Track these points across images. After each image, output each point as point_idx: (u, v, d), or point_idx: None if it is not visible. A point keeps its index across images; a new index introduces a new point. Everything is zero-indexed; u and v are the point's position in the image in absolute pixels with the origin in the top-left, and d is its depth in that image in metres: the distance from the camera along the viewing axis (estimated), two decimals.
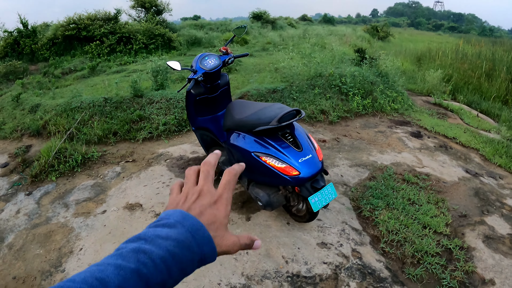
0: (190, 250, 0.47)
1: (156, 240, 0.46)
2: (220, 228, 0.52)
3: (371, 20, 55.64)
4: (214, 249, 0.50)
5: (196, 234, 0.48)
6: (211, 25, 18.88)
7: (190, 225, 0.49)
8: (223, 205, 0.54)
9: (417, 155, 4.50)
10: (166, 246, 0.45)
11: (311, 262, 2.57)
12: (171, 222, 0.49)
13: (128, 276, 0.41)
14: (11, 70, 8.60)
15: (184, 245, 0.46)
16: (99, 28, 11.15)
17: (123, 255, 0.44)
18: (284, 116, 2.46)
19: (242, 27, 3.49)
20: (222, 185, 0.56)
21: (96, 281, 0.39)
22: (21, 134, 5.17)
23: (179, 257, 0.45)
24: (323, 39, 13.16)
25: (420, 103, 7.00)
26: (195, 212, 0.52)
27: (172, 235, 0.47)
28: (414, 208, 3.27)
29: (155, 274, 0.43)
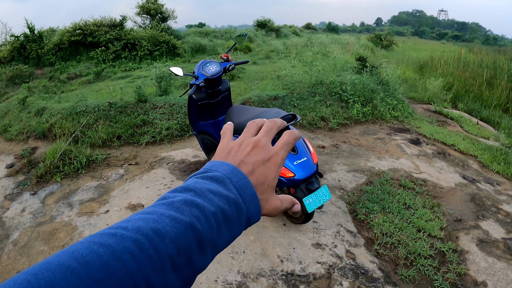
0: (238, 209, 0.45)
1: (207, 195, 0.44)
2: (267, 190, 0.50)
3: (375, 29, 55.97)
4: (259, 209, 0.48)
5: (244, 193, 0.46)
6: (216, 32, 19.07)
7: (239, 183, 0.47)
8: (276, 165, 0.52)
9: (415, 161, 4.58)
10: (217, 202, 0.43)
11: (306, 262, 2.65)
12: (219, 176, 0.47)
13: (183, 230, 0.39)
14: (17, 74, 8.77)
15: (233, 203, 0.45)
16: (105, 34, 11.34)
17: (175, 206, 0.42)
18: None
19: (243, 35, 3.61)
20: (280, 144, 0.54)
21: (152, 232, 0.37)
22: (27, 136, 5.31)
23: (229, 215, 0.44)
24: (326, 48, 13.30)
25: (420, 111, 7.09)
26: (247, 168, 0.50)
27: (222, 191, 0.45)
28: (409, 212, 3.35)
29: (207, 230, 0.41)
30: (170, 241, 0.38)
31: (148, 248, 0.36)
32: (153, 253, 0.36)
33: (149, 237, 0.37)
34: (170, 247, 0.38)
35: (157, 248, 0.37)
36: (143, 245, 0.36)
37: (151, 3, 14.12)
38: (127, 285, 0.33)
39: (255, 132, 0.56)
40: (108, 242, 0.35)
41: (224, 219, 0.43)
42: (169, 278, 0.38)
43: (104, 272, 0.32)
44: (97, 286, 0.31)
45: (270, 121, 0.57)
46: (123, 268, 0.33)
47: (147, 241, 0.36)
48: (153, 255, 0.36)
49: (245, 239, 2.91)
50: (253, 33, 19.17)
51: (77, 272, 0.31)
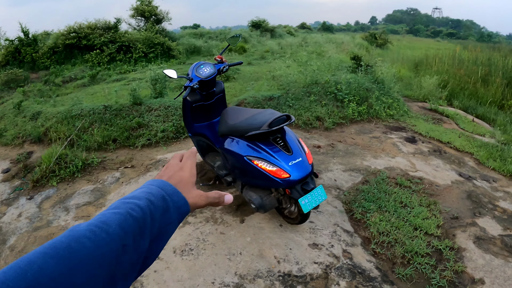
0: (163, 199, 0.58)
1: (137, 195, 0.57)
2: (187, 185, 0.65)
3: (370, 28, 55.98)
4: (183, 199, 0.61)
5: (165, 188, 0.60)
6: (210, 33, 19.04)
7: (160, 183, 0.61)
8: (187, 169, 0.69)
9: (411, 160, 4.59)
10: (145, 196, 0.56)
11: (302, 262, 2.65)
12: (146, 186, 0.61)
13: (123, 218, 0.50)
14: (12, 78, 8.72)
15: (158, 195, 0.58)
16: (99, 37, 11.29)
17: (115, 205, 0.54)
18: (274, 121, 2.56)
19: (236, 36, 3.61)
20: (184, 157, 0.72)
21: (100, 223, 0.48)
22: (23, 140, 5.28)
23: (157, 204, 0.56)
24: (321, 47, 13.32)
25: (416, 109, 7.10)
26: (165, 177, 0.66)
27: (148, 190, 0.58)
28: (406, 211, 3.35)
29: (143, 217, 0.52)
30: (116, 225, 0.49)
31: (99, 233, 0.47)
32: (105, 235, 0.47)
33: (98, 226, 0.48)
34: (117, 229, 0.48)
35: (107, 231, 0.47)
36: (95, 232, 0.47)
37: (145, 5, 14.08)
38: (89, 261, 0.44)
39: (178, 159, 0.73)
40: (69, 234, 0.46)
41: (154, 207, 0.55)
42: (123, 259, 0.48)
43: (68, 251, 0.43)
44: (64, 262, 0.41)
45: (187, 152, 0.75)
46: (82, 248, 0.44)
47: (97, 229, 0.47)
48: (105, 237, 0.47)
49: (241, 240, 2.91)
50: (247, 33, 19.16)
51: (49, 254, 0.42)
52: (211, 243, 2.89)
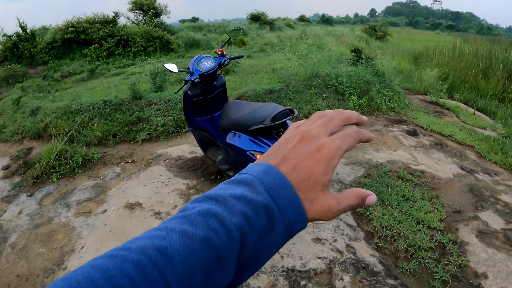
0: (269, 216, 0.38)
1: (229, 201, 0.38)
2: (314, 187, 0.41)
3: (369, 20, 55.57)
4: (302, 214, 0.40)
5: (277, 195, 0.39)
6: (210, 27, 18.92)
7: (272, 183, 0.40)
8: (327, 156, 0.41)
9: (413, 153, 4.56)
10: (240, 210, 0.37)
11: (306, 257, 2.64)
12: (249, 177, 0.40)
13: (196, 247, 0.34)
14: (10, 74, 8.65)
15: (261, 208, 0.38)
16: (98, 31, 11.20)
17: (189, 218, 0.37)
18: (277, 115, 2.53)
19: (237, 29, 3.58)
20: (337, 134, 0.44)
21: (156, 251, 0.33)
22: (22, 137, 5.25)
23: (256, 224, 0.37)
24: (320, 40, 13.23)
25: (416, 102, 7.07)
26: (288, 164, 0.42)
27: (248, 195, 0.38)
28: (409, 205, 3.34)
29: (228, 244, 0.36)
30: (179, 261, 0.33)
31: (151, 270, 0.32)
32: (157, 276, 0.32)
33: (152, 258, 0.32)
34: (179, 268, 0.33)
35: (163, 270, 0.32)
36: (145, 267, 0.32)
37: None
38: None
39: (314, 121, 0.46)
40: (107, 265, 0.31)
41: (250, 228, 0.37)
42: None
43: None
44: None
45: (335, 111, 0.47)
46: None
47: (150, 262, 0.32)
48: (157, 279, 0.32)
49: None
50: (247, 26, 19.04)
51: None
52: None
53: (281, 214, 0.39)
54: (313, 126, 0.44)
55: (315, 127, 0.44)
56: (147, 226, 3.09)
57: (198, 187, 3.64)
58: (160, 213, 3.26)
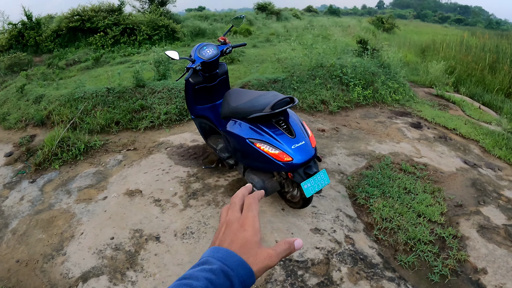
0: (226, 276, 0.50)
1: (193, 274, 0.49)
2: (252, 247, 0.55)
3: (377, 12, 55.02)
4: (249, 271, 0.52)
5: (228, 261, 0.52)
6: (216, 16, 18.76)
7: (221, 256, 0.53)
8: (249, 225, 0.57)
9: (416, 146, 4.50)
10: (203, 276, 0.49)
11: (304, 247, 2.61)
12: (204, 259, 0.53)
13: None
14: (15, 62, 8.62)
15: (218, 272, 0.50)
16: (103, 20, 11.10)
17: None
18: (277, 103, 2.48)
19: (240, 17, 3.51)
20: (244, 209, 0.61)
21: None
22: (26, 124, 5.24)
23: (217, 283, 0.48)
24: (326, 30, 13.08)
25: (422, 95, 6.98)
26: (226, 243, 0.56)
27: (206, 267, 0.50)
28: (410, 197, 3.29)
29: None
30: None
31: None
32: None
33: None
34: None
35: None
36: None
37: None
38: None
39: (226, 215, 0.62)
40: None
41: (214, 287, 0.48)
42: None
43: None
44: None
45: (233, 198, 0.64)
46: None
47: None
48: None
49: None
50: (253, 16, 18.95)
51: None
52: (212, 226, 2.86)
53: (235, 273, 0.51)
54: (228, 216, 0.61)
55: (230, 215, 0.61)
56: (146, 213, 3.08)
57: (199, 175, 3.62)
58: (160, 200, 3.24)
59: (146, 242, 2.74)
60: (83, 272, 2.50)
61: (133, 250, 2.67)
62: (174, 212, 3.07)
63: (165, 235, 2.80)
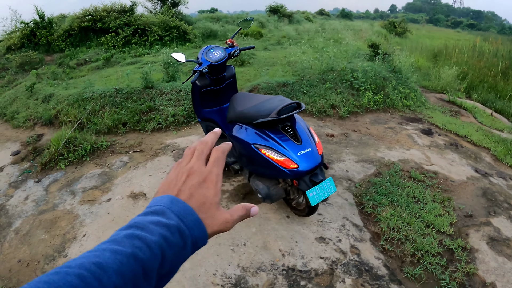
0: (181, 235, 0.46)
1: (148, 226, 0.45)
2: (211, 208, 0.51)
3: (389, 16, 54.55)
4: (204, 232, 0.49)
5: (185, 219, 0.48)
6: (227, 18, 18.79)
7: (179, 210, 0.48)
8: (212, 182, 0.53)
9: (426, 153, 4.40)
10: (158, 231, 0.44)
11: (308, 256, 2.54)
12: (159, 208, 0.48)
13: (125, 261, 0.40)
14: (27, 61, 8.70)
15: (175, 230, 0.46)
16: (115, 20, 11.17)
17: (117, 241, 0.43)
18: (283, 109, 2.43)
19: (249, 19, 3.46)
20: (210, 162, 0.56)
21: (93, 266, 0.38)
22: (34, 123, 5.26)
23: (172, 241, 0.45)
24: (338, 34, 12.98)
25: (433, 100, 6.86)
26: (185, 194, 0.51)
27: (163, 220, 0.46)
28: (419, 206, 3.20)
29: (151, 258, 0.42)
30: (113, 272, 0.39)
31: (91, 280, 0.37)
32: (96, 285, 0.37)
33: (91, 271, 0.38)
34: (113, 278, 0.38)
35: (100, 279, 0.37)
36: (86, 278, 0.37)
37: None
38: None
39: (189, 158, 0.57)
40: (52, 279, 0.35)
41: (168, 245, 0.44)
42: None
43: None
44: None
45: (200, 143, 0.58)
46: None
47: (89, 274, 0.37)
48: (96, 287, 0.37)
49: (246, 231, 2.81)
50: (265, 18, 18.94)
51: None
52: (213, 237, 2.79)
53: (190, 233, 0.47)
54: (192, 162, 0.55)
55: (194, 163, 0.55)
56: None
57: None
58: None
59: None
60: None
61: None
62: None
63: None
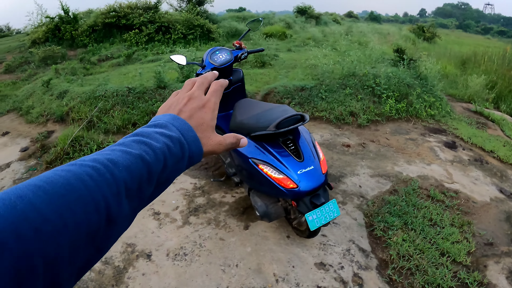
0: (181, 147, 0.50)
1: (153, 135, 0.48)
2: (207, 129, 0.56)
3: (419, 20, 52.92)
4: (200, 149, 0.54)
5: (185, 134, 0.52)
6: (254, 17, 18.62)
7: (180, 125, 0.52)
8: (210, 109, 0.58)
9: (448, 169, 4.06)
10: (162, 140, 0.48)
11: (304, 284, 2.30)
12: (162, 122, 0.52)
13: (133, 160, 0.43)
14: (49, 55, 8.76)
15: (176, 141, 0.49)
16: (139, 17, 11.17)
17: (125, 144, 0.46)
18: (283, 122, 2.19)
19: (258, 20, 3.25)
20: (209, 92, 0.61)
21: (106, 161, 0.41)
22: (46, 119, 5.22)
23: (173, 151, 0.48)
24: (364, 37, 12.57)
25: (459, 110, 6.43)
26: (185, 114, 0.55)
27: (166, 132, 0.50)
28: (435, 231, 2.89)
29: (156, 162, 0.45)
30: (123, 167, 0.42)
31: (104, 172, 0.40)
32: (109, 176, 0.40)
33: (104, 164, 0.41)
34: (123, 173, 0.42)
35: (113, 172, 0.40)
36: (100, 170, 0.40)
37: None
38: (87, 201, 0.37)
39: (190, 88, 0.62)
40: (70, 168, 0.39)
41: (170, 154, 0.48)
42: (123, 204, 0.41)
43: (66, 188, 0.36)
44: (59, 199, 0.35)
45: (201, 77, 0.64)
46: (83, 185, 0.37)
47: (103, 167, 0.40)
48: (109, 178, 0.40)
49: (241, 250, 2.60)
50: (292, 19, 18.73)
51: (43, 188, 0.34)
52: (208, 250, 2.62)
53: (188, 147, 0.52)
54: (193, 90, 0.61)
55: (195, 91, 0.60)
56: (143, 226, 2.89)
57: (205, 189, 3.39)
58: (160, 213, 3.04)
59: (136, 259, 2.55)
60: None
61: (122, 266, 2.49)
62: (172, 229, 2.85)
63: (157, 253, 2.59)
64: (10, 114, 5.82)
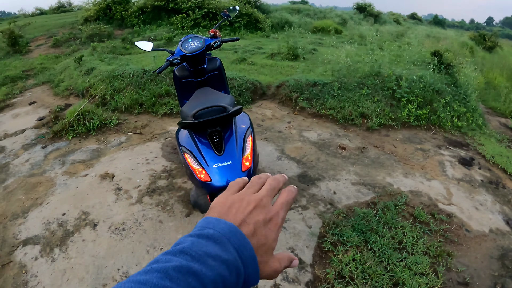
0: (238, 274, 0.41)
1: (205, 260, 0.39)
2: (268, 252, 0.46)
3: (485, 28, 48.03)
4: (257, 273, 0.43)
5: (243, 255, 0.42)
6: (309, 11, 18.08)
7: (238, 244, 0.42)
8: (277, 225, 0.48)
9: (450, 188, 3.51)
10: (217, 269, 0.39)
11: None
12: (216, 234, 0.42)
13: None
14: (96, 33, 9.08)
15: (233, 267, 0.40)
16: (187, 2, 11.23)
17: (169, 274, 0.36)
18: (202, 112, 1.97)
19: (234, 9, 3.03)
20: (279, 203, 0.50)
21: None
22: (70, 93, 5.45)
23: (228, 281, 0.39)
24: (416, 39, 11.59)
25: (494, 125, 5.65)
26: (248, 228, 0.45)
27: (222, 255, 0.40)
28: (399, 256, 2.44)
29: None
30: None
31: None
32: None
33: None
34: None
35: None
36: None
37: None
38: None
39: (258, 188, 0.52)
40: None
41: (223, 285, 0.39)
42: None
43: None
44: None
45: (274, 179, 0.53)
46: None
47: None
48: None
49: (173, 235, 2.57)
50: (349, 15, 17.97)
51: None
52: (143, 229, 2.58)
53: (244, 271, 0.42)
54: (262, 195, 0.49)
55: (264, 196, 0.49)
56: (103, 199, 2.96)
57: (173, 173, 3.31)
58: (121, 189, 3.08)
59: (84, 226, 2.64)
60: (27, 237, 2.55)
61: (71, 230, 2.60)
62: (125, 205, 2.87)
63: (103, 224, 2.64)
64: (43, 86, 6.14)
